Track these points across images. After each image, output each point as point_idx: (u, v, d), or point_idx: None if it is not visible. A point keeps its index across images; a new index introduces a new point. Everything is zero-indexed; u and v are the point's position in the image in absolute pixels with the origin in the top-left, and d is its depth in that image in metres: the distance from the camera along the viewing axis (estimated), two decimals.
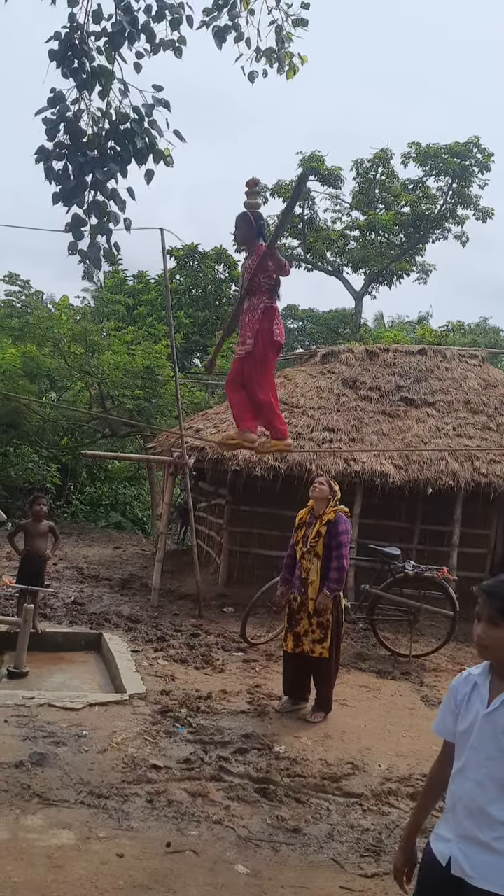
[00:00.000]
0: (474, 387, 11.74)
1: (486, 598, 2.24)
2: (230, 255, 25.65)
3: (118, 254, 5.16)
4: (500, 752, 2.17)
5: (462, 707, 2.31)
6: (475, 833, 2.17)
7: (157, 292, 23.72)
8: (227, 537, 10.80)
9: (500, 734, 2.18)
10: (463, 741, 2.27)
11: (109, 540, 16.12)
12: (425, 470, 9.99)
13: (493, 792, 2.16)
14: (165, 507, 10.74)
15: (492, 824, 2.14)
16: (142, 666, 6.70)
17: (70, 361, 17.66)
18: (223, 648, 7.66)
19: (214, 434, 10.52)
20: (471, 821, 2.18)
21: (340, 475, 9.48)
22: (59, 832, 3.73)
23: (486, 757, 2.19)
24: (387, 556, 8.20)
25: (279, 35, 5.33)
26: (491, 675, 2.30)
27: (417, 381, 11.78)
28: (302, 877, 3.60)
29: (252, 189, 5.46)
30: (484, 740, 2.20)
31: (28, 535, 7.70)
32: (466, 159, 25.87)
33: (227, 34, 5.15)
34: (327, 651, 5.80)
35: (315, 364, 12.48)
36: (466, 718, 2.27)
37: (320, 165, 26.80)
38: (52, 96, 4.58)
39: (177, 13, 4.79)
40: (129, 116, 4.70)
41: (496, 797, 2.16)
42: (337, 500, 6.02)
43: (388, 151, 27.25)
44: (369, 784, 4.68)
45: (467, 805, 2.20)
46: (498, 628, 2.21)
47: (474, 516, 10.48)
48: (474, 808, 2.18)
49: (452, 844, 2.22)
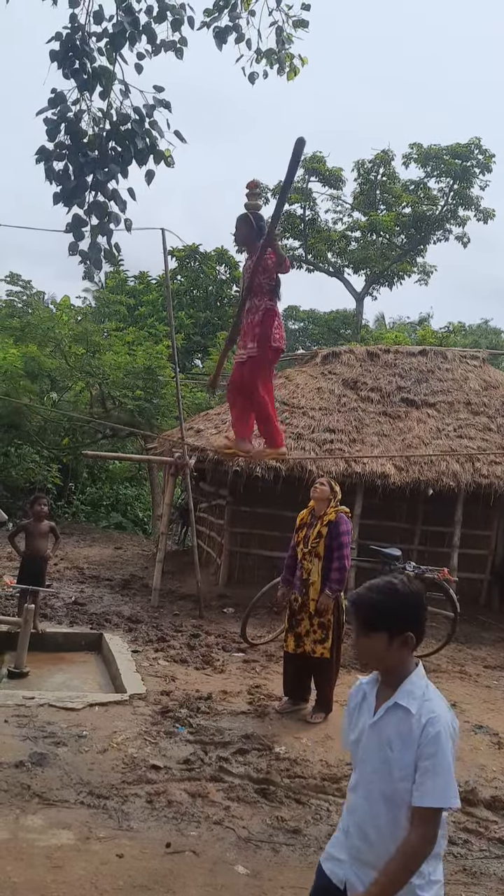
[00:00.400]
0: (475, 388, 11.74)
1: (353, 609, 2.13)
2: (231, 256, 25.68)
3: (119, 254, 5.16)
4: (385, 764, 2.04)
5: (353, 717, 2.19)
6: (367, 855, 2.04)
7: (159, 293, 23.74)
8: (227, 538, 10.80)
9: (384, 745, 2.05)
10: (354, 754, 2.15)
11: (110, 540, 16.12)
12: (426, 471, 9.99)
13: (379, 807, 2.04)
14: (166, 507, 10.74)
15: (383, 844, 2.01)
16: (142, 666, 6.70)
17: (71, 362, 17.68)
18: (223, 649, 7.66)
19: (215, 434, 10.53)
20: (363, 842, 2.06)
21: (341, 476, 9.49)
22: (58, 832, 3.73)
23: (372, 770, 2.07)
24: (387, 556, 8.19)
25: (280, 36, 5.33)
26: (378, 683, 2.17)
27: (418, 382, 11.79)
28: (302, 878, 3.60)
29: (252, 190, 5.46)
30: (370, 752, 2.08)
31: (29, 536, 7.70)
32: (467, 160, 25.88)
33: (228, 35, 5.15)
34: (328, 651, 5.80)
35: (316, 365, 12.49)
36: (356, 729, 2.16)
37: (321, 166, 26.81)
38: (53, 97, 4.58)
39: (178, 14, 4.80)
40: (130, 117, 4.71)
41: (381, 812, 2.03)
42: (338, 501, 6.02)
43: (389, 152, 27.27)
44: None
45: (359, 824, 2.08)
46: (369, 639, 2.09)
47: (475, 517, 10.47)
48: (364, 828, 2.06)
49: (347, 867, 2.09)
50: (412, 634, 2.07)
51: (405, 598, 2.07)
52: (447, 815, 2.06)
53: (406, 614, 2.08)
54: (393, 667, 2.10)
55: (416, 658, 2.16)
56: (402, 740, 2.01)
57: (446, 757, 1.95)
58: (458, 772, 4.94)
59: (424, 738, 1.97)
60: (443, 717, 2.00)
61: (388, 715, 2.06)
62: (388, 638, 2.06)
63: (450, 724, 2.01)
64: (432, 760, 1.94)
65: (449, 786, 1.94)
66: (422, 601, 2.12)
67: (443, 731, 1.97)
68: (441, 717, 1.99)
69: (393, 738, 2.03)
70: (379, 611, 2.06)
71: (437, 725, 1.97)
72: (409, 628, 2.07)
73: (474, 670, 7.90)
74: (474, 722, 6.13)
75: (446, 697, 6.99)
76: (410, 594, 2.08)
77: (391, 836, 1.99)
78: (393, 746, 2.02)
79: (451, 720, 2.04)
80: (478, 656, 8.52)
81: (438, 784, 1.93)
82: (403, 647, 2.07)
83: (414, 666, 2.12)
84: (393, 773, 2.01)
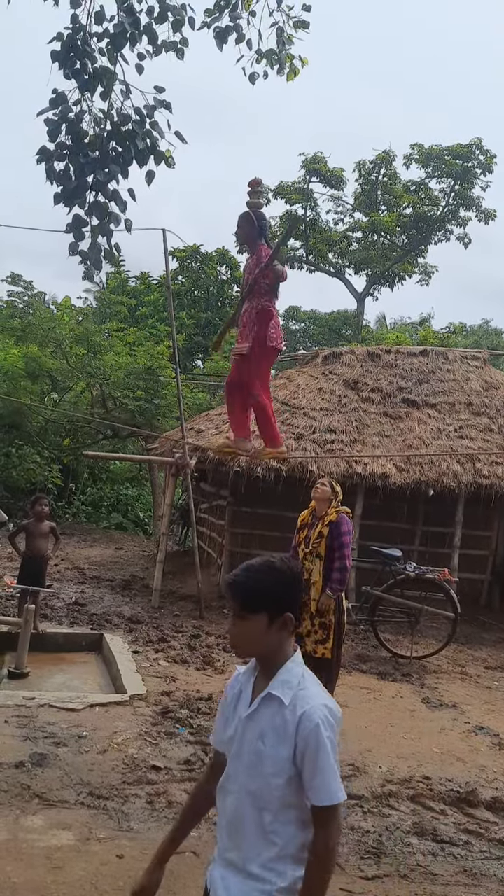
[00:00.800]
0: (476, 388, 11.74)
1: (231, 589, 1.96)
2: (232, 257, 25.69)
3: (119, 255, 5.17)
4: (258, 758, 1.90)
5: (230, 710, 2.04)
6: (233, 855, 1.92)
7: (160, 293, 23.75)
8: (228, 538, 10.80)
9: (256, 739, 1.91)
10: (228, 749, 2.00)
11: (111, 541, 16.13)
12: (427, 471, 9.98)
13: (246, 804, 1.91)
14: (167, 508, 10.75)
15: (248, 845, 1.88)
16: (142, 667, 6.70)
17: (72, 362, 17.69)
18: (224, 649, 7.65)
19: (216, 435, 10.53)
20: (230, 840, 1.93)
21: (342, 476, 9.48)
22: (58, 833, 3.73)
23: (244, 765, 1.93)
24: (388, 557, 8.19)
25: (280, 37, 5.33)
26: (256, 673, 2.03)
27: (419, 383, 11.78)
28: None
29: (254, 189, 5.48)
30: (243, 746, 1.94)
31: (29, 536, 7.70)
32: (469, 161, 25.89)
33: (229, 35, 5.14)
34: (330, 652, 5.79)
35: (317, 365, 12.49)
36: (232, 723, 2.01)
37: (323, 167, 26.82)
38: (54, 97, 4.59)
39: (179, 14, 4.80)
40: (131, 117, 4.71)
41: (248, 810, 1.90)
42: (339, 501, 6.02)
43: (390, 153, 27.28)
44: (370, 786, 4.68)
45: (229, 821, 1.94)
46: (247, 621, 1.93)
47: (476, 518, 10.47)
48: (231, 826, 1.93)
49: (213, 866, 1.98)
50: (291, 616, 1.95)
51: (285, 577, 1.95)
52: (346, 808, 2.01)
53: (286, 594, 1.96)
54: (271, 652, 1.97)
55: (295, 644, 2.07)
56: (276, 734, 1.89)
57: (327, 751, 1.85)
58: (459, 772, 4.96)
59: (302, 733, 1.86)
60: (319, 706, 1.88)
61: (262, 707, 1.94)
62: (267, 619, 1.92)
63: (326, 714, 1.88)
64: (315, 757, 1.84)
65: (334, 780, 1.86)
66: (300, 581, 2.02)
67: (320, 722, 1.85)
68: (317, 708, 1.88)
69: (266, 731, 1.91)
70: (259, 590, 1.93)
71: (314, 718, 1.85)
72: (289, 608, 1.95)
73: (475, 671, 7.89)
74: (475, 723, 6.12)
75: (447, 698, 7.01)
76: (289, 572, 1.97)
77: (256, 836, 1.88)
78: (266, 740, 1.90)
79: (330, 708, 1.91)
80: (478, 657, 8.51)
81: (325, 781, 1.84)
82: (283, 629, 1.95)
83: (292, 651, 2.01)
84: (265, 769, 1.89)
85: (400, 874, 3.70)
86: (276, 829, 1.88)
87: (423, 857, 3.89)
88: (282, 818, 1.89)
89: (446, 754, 5.37)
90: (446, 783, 4.81)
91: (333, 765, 1.86)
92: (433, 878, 3.71)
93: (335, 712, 1.92)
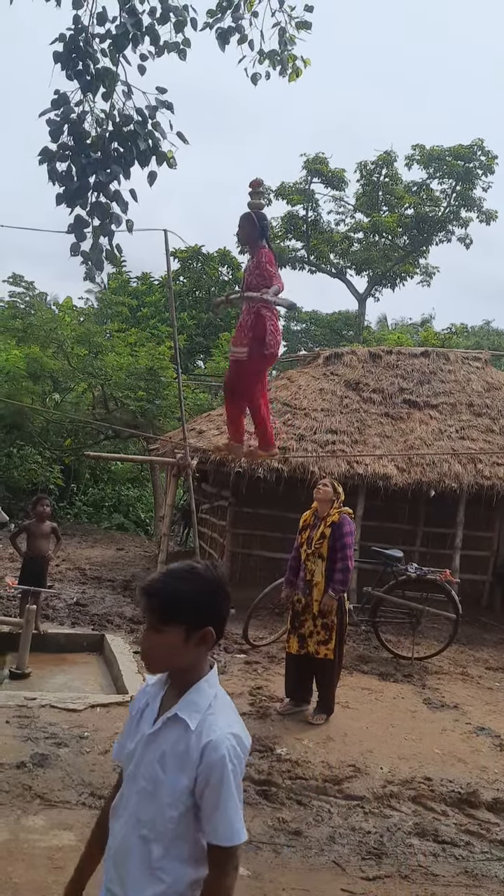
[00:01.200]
0: (477, 389, 11.73)
1: (145, 596, 1.77)
2: (233, 257, 25.71)
3: (120, 255, 5.18)
4: (155, 784, 1.72)
5: (133, 726, 1.86)
6: (117, 889, 1.75)
7: (161, 294, 23.77)
8: (229, 539, 10.80)
9: (155, 763, 1.73)
10: (126, 768, 1.83)
11: (112, 541, 16.13)
12: (428, 472, 9.98)
13: (136, 837, 1.72)
14: (168, 508, 10.74)
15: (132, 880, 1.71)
16: (144, 667, 6.68)
17: (73, 363, 17.71)
18: (225, 650, 7.65)
19: (218, 435, 10.53)
20: (116, 872, 1.76)
21: (343, 477, 9.48)
22: (60, 833, 3.73)
23: (138, 790, 1.75)
24: (389, 558, 8.19)
25: (282, 37, 5.33)
26: (166, 687, 1.85)
27: (420, 384, 11.78)
28: (303, 879, 3.60)
29: (256, 190, 5.47)
30: (140, 768, 1.77)
31: (31, 536, 7.70)
32: (470, 162, 25.89)
33: (231, 36, 5.15)
34: (332, 653, 5.79)
35: (318, 366, 12.49)
36: (133, 739, 1.82)
37: (324, 168, 26.83)
38: (57, 98, 4.60)
39: (181, 15, 4.80)
40: (133, 118, 4.72)
41: (138, 845, 1.72)
42: (341, 502, 6.03)
43: (391, 154, 27.28)
44: (371, 787, 4.67)
45: (116, 851, 1.77)
46: (161, 634, 1.74)
47: (477, 519, 10.46)
48: (119, 856, 1.75)
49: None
50: (212, 630, 1.76)
51: (208, 586, 1.76)
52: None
53: (208, 605, 1.76)
54: (185, 668, 1.79)
55: (212, 660, 1.89)
56: (178, 760, 1.71)
57: (231, 786, 1.68)
58: (460, 773, 4.95)
59: (205, 764, 1.68)
60: (226, 735, 1.71)
61: (166, 728, 1.75)
62: (185, 632, 1.73)
63: (234, 745, 1.71)
64: (218, 791, 1.67)
65: (236, 818, 1.68)
66: (226, 591, 1.81)
67: (226, 754, 1.68)
68: (224, 737, 1.70)
69: (167, 756, 1.73)
70: (178, 600, 1.73)
71: (220, 749, 1.68)
72: (210, 622, 1.76)
73: (476, 672, 7.88)
74: (476, 724, 6.12)
75: (449, 699, 6.98)
76: (215, 581, 1.77)
77: (141, 871, 1.70)
78: (165, 766, 1.72)
79: (239, 738, 1.74)
80: (480, 658, 8.51)
81: (226, 818, 1.67)
82: (201, 644, 1.76)
83: (208, 669, 1.83)
84: (160, 797, 1.71)
85: (401, 875, 3.70)
86: (164, 865, 1.70)
87: (425, 858, 3.89)
88: (173, 853, 1.71)
89: (447, 755, 5.36)
90: (447, 784, 4.81)
91: (236, 801, 1.69)
92: (434, 878, 3.71)
93: (244, 742, 1.75)
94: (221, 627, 1.79)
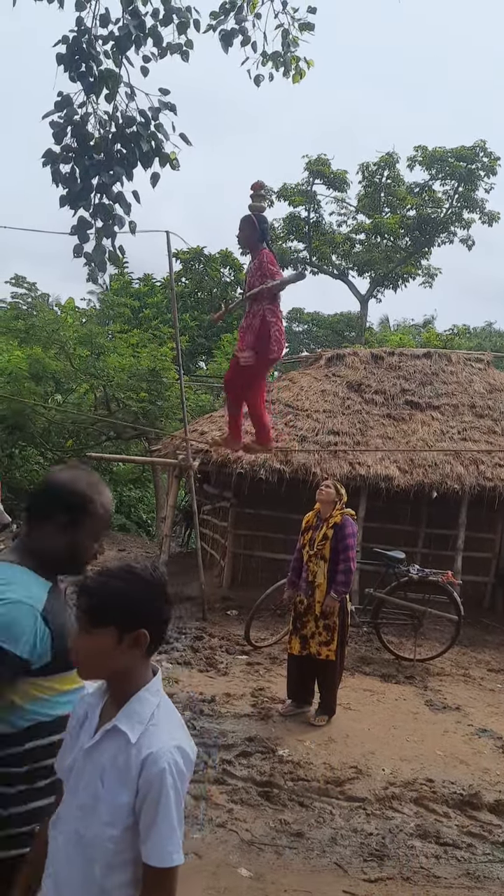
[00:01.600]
0: (479, 390, 11.73)
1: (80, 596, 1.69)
2: (235, 259, 25.71)
3: (123, 256, 5.17)
4: (94, 801, 1.62)
5: (72, 739, 1.75)
6: None
7: (163, 295, 23.79)
8: (231, 540, 10.80)
9: (95, 778, 1.64)
10: (66, 783, 1.72)
11: (114, 542, 16.15)
12: (430, 474, 9.97)
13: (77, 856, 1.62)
14: (170, 509, 10.75)
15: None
16: None
17: (76, 364, 17.72)
18: (227, 651, 7.65)
19: (219, 436, 10.53)
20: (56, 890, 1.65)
21: (345, 478, 9.48)
22: None
23: (78, 805, 1.65)
24: (391, 559, 8.19)
25: (285, 39, 5.33)
26: (105, 697, 1.76)
27: (422, 385, 11.78)
28: (305, 881, 3.59)
29: (257, 192, 5.47)
30: (80, 783, 1.67)
31: None
32: (472, 163, 25.87)
33: (234, 38, 5.15)
34: (333, 654, 5.80)
35: (320, 367, 12.49)
36: (72, 752, 1.73)
37: (326, 169, 26.84)
38: (60, 100, 4.60)
39: (184, 17, 4.81)
40: (136, 120, 4.72)
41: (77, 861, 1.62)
42: (343, 503, 6.03)
43: (393, 155, 27.29)
44: (373, 788, 4.67)
45: (56, 869, 1.66)
46: (91, 636, 1.65)
47: (479, 520, 10.45)
48: (60, 876, 1.65)
49: None
50: (146, 632, 1.67)
51: (143, 586, 1.68)
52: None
53: (143, 605, 1.67)
54: (120, 674, 1.69)
55: (156, 665, 1.79)
56: (118, 775, 1.62)
57: (170, 803, 1.58)
58: (462, 775, 4.95)
59: (144, 779, 1.59)
60: (168, 749, 1.62)
61: (106, 740, 1.66)
62: (116, 634, 1.65)
63: (176, 759, 1.62)
64: (155, 808, 1.58)
65: (171, 839, 1.59)
66: (165, 593, 1.72)
67: (166, 767, 1.59)
68: (166, 750, 1.61)
69: (107, 770, 1.64)
70: (108, 599, 1.65)
71: (160, 762, 1.59)
72: (144, 624, 1.67)
73: (478, 674, 7.88)
74: (478, 725, 6.11)
75: (451, 701, 6.96)
76: (151, 582, 1.69)
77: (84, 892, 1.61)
78: (105, 781, 1.63)
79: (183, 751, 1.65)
80: (481, 659, 8.50)
81: (161, 838, 1.58)
82: (134, 647, 1.67)
83: (151, 676, 1.75)
84: (100, 815, 1.61)
85: (403, 877, 3.70)
86: (106, 885, 1.61)
87: (427, 860, 3.88)
88: (116, 874, 1.62)
89: (449, 757, 5.36)
90: (449, 786, 4.80)
91: (173, 821, 1.59)
92: (436, 880, 3.70)
93: (189, 756, 1.66)
94: (159, 630, 1.71)
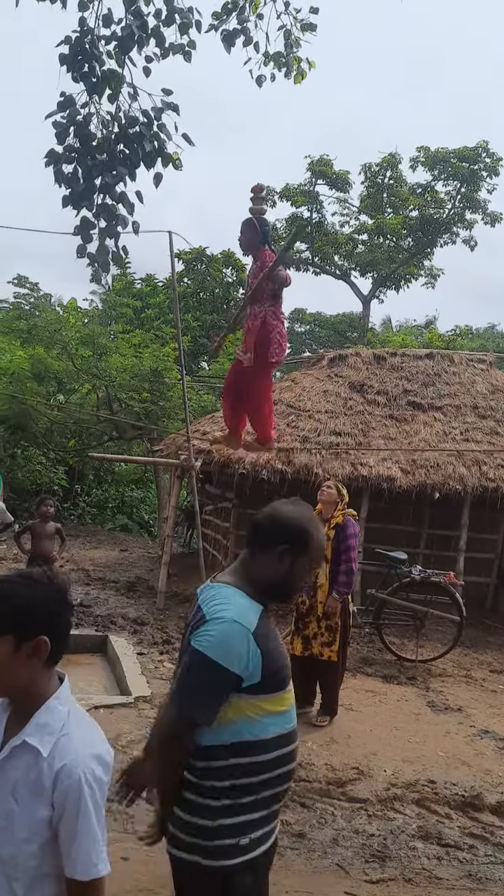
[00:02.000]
0: (482, 391, 11.72)
1: None
2: (238, 259, 25.69)
3: (126, 257, 5.17)
4: (8, 819, 1.56)
5: None
6: None
7: (165, 295, 23.79)
8: (233, 540, 10.79)
9: (8, 795, 1.57)
10: None
11: (116, 542, 16.15)
12: (432, 474, 9.96)
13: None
14: (172, 509, 10.75)
15: None
16: (147, 669, 6.70)
17: (78, 364, 17.74)
18: None
19: (219, 435, 10.53)
20: None
21: (347, 479, 9.47)
22: None
23: None
24: (393, 560, 8.18)
25: (287, 40, 5.33)
26: (9, 711, 1.67)
27: (425, 386, 11.77)
28: (306, 882, 3.59)
29: (257, 195, 5.46)
30: None
31: (35, 537, 7.73)
32: (475, 164, 25.84)
33: (236, 38, 5.15)
34: (335, 654, 5.80)
35: (322, 368, 12.49)
36: None
37: (328, 170, 26.83)
38: (62, 100, 4.60)
39: (186, 17, 4.80)
40: (138, 120, 4.71)
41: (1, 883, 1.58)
42: (345, 504, 6.02)
43: (396, 156, 27.28)
44: (375, 789, 4.67)
45: None
46: None
47: (481, 521, 10.44)
48: None
49: None
50: (46, 639, 1.61)
51: (41, 592, 1.63)
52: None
53: (42, 612, 1.61)
54: (21, 686, 1.61)
55: (62, 673, 1.74)
56: (31, 790, 1.56)
57: (89, 814, 1.55)
58: (464, 776, 4.94)
59: (60, 792, 1.54)
60: (83, 758, 1.57)
61: (15, 756, 1.59)
62: (13, 643, 1.58)
63: (92, 768, 1.58)
64: (74, 821, 1.54)
65: (94, 850, 1.56)
66: (65, 601, 1.68)
67: (83, 777, 1.55)
68: (80, 760, 1.56)
69: (19, 787, 1.57)
70: (4, 607, 1.58)
71: (75, 773, 1.54)
72: (44, 631, 1.61)
73: (480, 674, 7.87)
74: (480, 726, 6.11)
75: (452, 702, 6.93)
76: (51, 587, 1.65)
77: None
78: (18, 797, 1.56)
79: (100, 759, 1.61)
80: (483, 660, 8.49)
81: (83, 851, 1.55)
82: (34, 656, 1.60)
83: (57, 684, 1.69)
84: (16, 832, 1.55)
85: (405, 878, 3.69)
86: None
87: (428, 861, 3.88)
88: (38, 890, 1.58)
89: (451, 758, 5.35)
90: (451, 787, 4.80)
91: (95, 831, 1.56)
92: (438, 882, 3.70)
93: (106, 762, 1.62)
94: (60, 638, 1.66)
